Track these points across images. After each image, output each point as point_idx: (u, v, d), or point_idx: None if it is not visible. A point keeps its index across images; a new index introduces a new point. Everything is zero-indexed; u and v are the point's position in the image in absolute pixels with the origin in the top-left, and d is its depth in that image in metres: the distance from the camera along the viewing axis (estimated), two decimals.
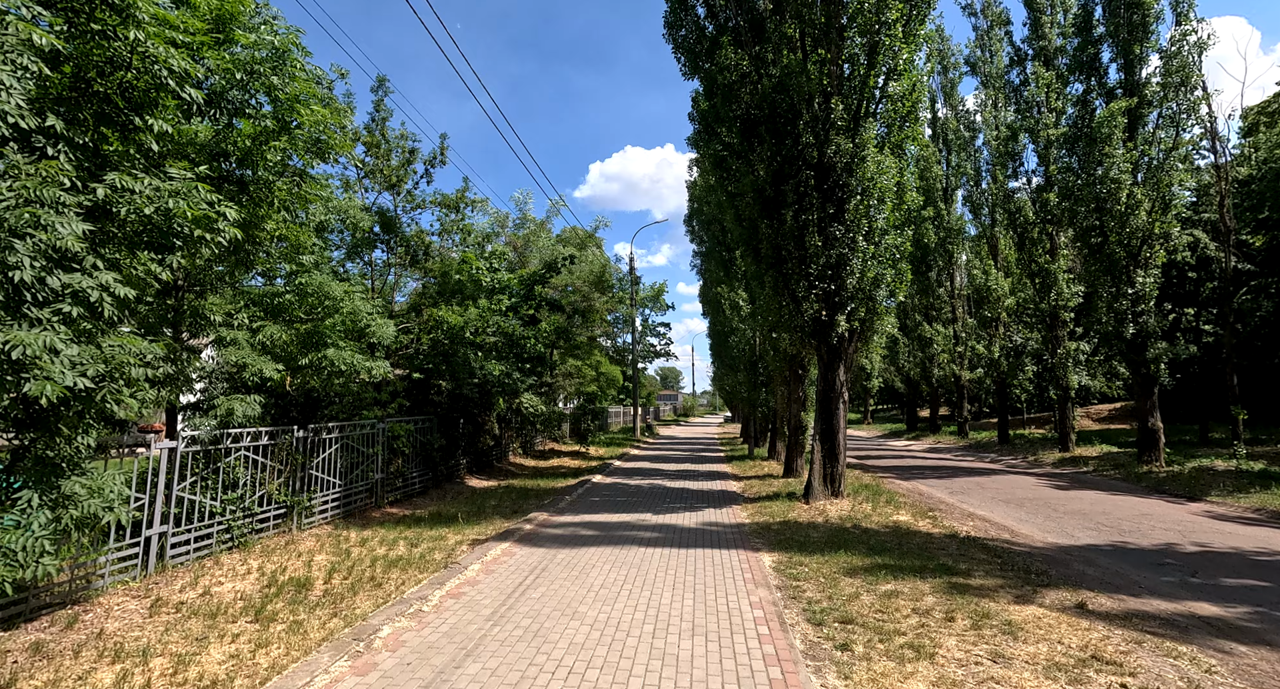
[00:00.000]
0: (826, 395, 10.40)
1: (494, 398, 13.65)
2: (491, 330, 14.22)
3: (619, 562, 6.54)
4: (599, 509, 9.85)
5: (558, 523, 8.66)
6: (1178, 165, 14.45)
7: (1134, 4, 15.26)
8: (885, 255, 10.01)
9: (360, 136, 12.40)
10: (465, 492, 12.34)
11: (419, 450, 11.77)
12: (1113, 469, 15.44)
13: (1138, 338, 15.31)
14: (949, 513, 10.05)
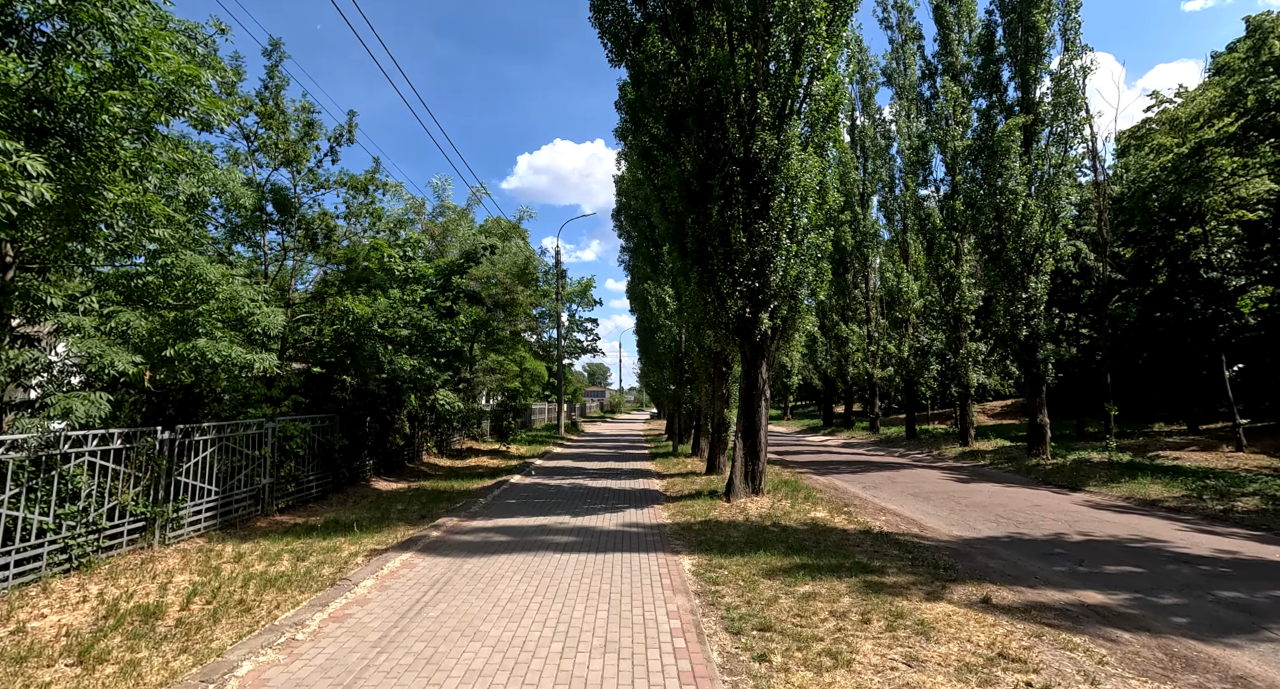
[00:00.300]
0: (749, 392, 10.38)
1: (405, 394, 12.77)
2: (403, 322, 13.32)
3: (531, 571, 6.12)
4: (515, 512, 9.35)
5: (468, 529, 8.09)
6: (1065, 180, 15.64)
7: (1030, 27, 16.35)
8: (807, 254, 10.10)
9: (251, 105, 11.16)
10: (370, 495, 11.45)
11: (317, 452, 10.77)
12: (1006, 462, 16.56)
13: (1030, 339, 16.48)
14: (863, 508, 10.30)
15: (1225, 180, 15.88)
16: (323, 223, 12.05)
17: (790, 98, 9.70)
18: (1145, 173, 18.28)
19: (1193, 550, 7.34)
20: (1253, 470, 14.45)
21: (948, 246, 21.01)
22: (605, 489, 11.91)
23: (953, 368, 27.60)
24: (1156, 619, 5.17)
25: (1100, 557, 7.16)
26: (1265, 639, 4.76)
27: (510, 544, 7.25)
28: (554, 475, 14.12)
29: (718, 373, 14.11)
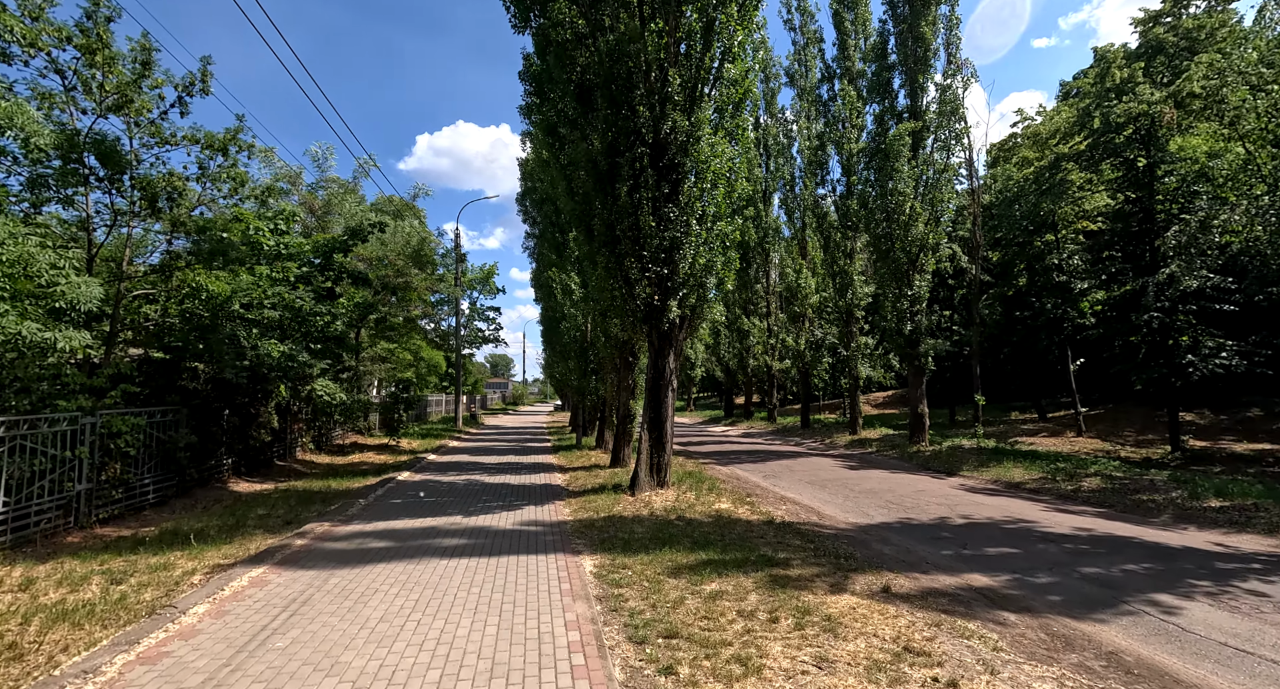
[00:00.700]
0: (656, 383, 10.10)
1: (273, 384, 11.28)
2: (272, 303, 11.75)
3: (412, 582, 5.40)
4: (399, 514, 8.45)
5: (342, 535, 7.14)
6: (946, 185, 16.78)
7: (918, 38, 17.34)
8: (716, 242, 9.93)
9: (69, 36, 9.21)
10: (226, 499, 10.00)
11: (156, 451, 9.20)
12: (891, 449, 17.62)
13: (914, 334, 17.60)
14: (765, 497, 10.38)
15: (1074, 193, 17.77)
16: (167, 184, 10.28)
17: (701, 81, 9.43)
18: (1011, 183, 20.14)
19: (1056, 530, 7.95)
20: (1091, 453, 16.35)
21: (843, 245, 22.04)
22: (503, 485, 11.20)
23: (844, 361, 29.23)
24: (1035, 598, 5.41)
25: (981, 539, 7.55)
26: (1125, 612, 5.09)
27: (390, 551, 6.44)
28: (448, 471, 13.16)
29: (624, 363, 13.77)
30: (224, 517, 8.47)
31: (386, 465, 13.96)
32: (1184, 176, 15.06)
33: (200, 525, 7.83)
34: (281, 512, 8.92)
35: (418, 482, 11.56)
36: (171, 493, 9.59)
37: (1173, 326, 14.60)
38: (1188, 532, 7.95)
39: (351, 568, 5.82)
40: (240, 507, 9.28)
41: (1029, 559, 6.61)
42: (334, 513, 8.39)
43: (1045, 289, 20.16)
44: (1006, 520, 8.55)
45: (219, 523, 8.02)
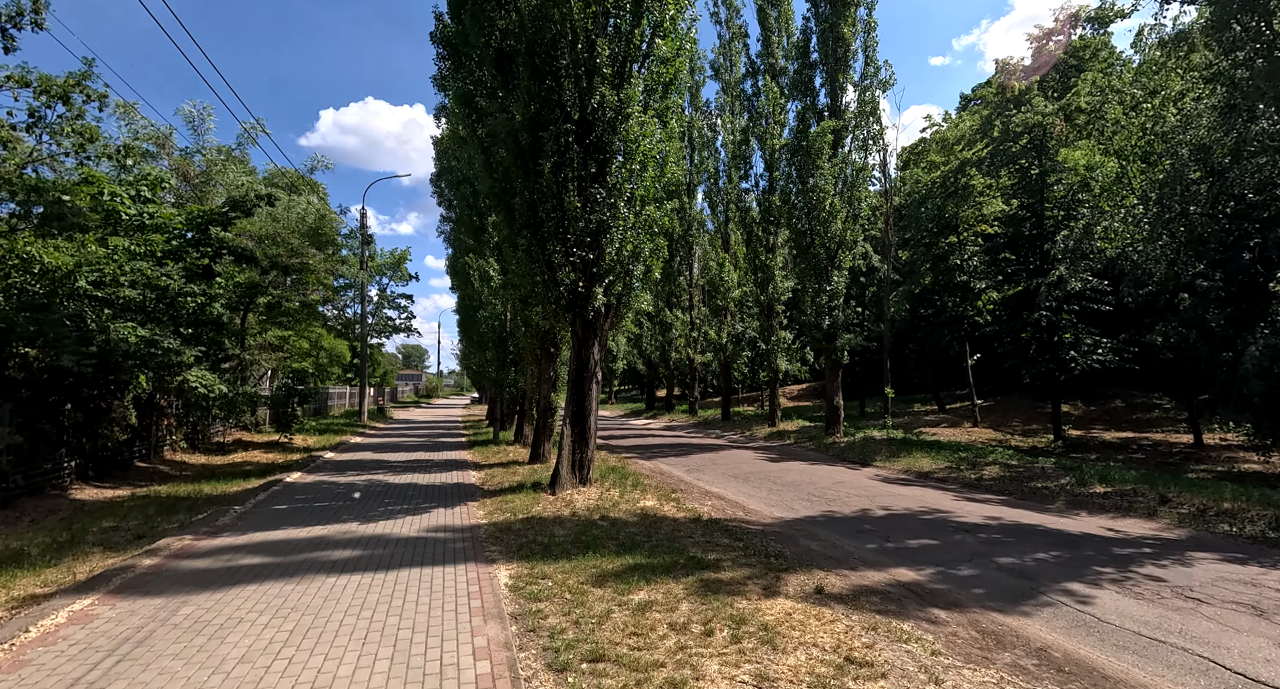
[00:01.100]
0: (580, 375, 9.53)
1: (127, 374, 9.66)
2: (131, 281, 10.09)
3: (288, 606, 4.57)
4: (283, 522, 7.39)
5: (204, 550, 6.07)
6: (863, 184, 17.28)
7: (839, 38, 17.67)
8: (644, 227, 9.47)
9: None
10: (64, 510, 8.45)
11: None
12: (808, 441, 18.03)
13: (831, 329, 18.06)
14: (689, 493, 10.10)
15: (975, 197, 18.88)
16: None
17: (631, 58, 8.91)
18: (920, 185, 21.18)
19: (969, 519, 8.17)
20: (986, 443, 17.48)
21: (765, 239, 22.32)
22: (410, 486, 10.25)
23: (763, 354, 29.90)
24: (960, 592, 5.39)
25: (902, 531, 7.60)
26: (1044, 603, 5.14)
27: (264, 569, 5.50)
28: (346, 471, 11.95)
29: (545, 354, 13.07)
30: (54, 532, 7.07)
31: (274, 466, 12.50)
32: (1070, 186, 16.31)
33: (18, 544, 6.46)
34: (134, 523, 7.59)
35: (309, 483, 10.36)
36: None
37: (1058, 325, 15.78)
38: (1081, 517, 8.43)
39: (212, 592, 4.87)
40: (80, 519, 7.83)
41: (949, 551, 6.67)
42: (200, 524, 7.20)
43: (948, 288, 21.39)
44: (923, 511, 8.73)
45: (46, 540, 6.66)
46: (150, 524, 7.51)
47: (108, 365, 9.40)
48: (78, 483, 9.84)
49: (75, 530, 7.13)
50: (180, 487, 10.19)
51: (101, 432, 9.82)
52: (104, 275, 9.81)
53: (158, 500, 8.98)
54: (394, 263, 37.72)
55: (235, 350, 16.27)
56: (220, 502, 8.91)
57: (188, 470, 12.05)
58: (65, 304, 9.36)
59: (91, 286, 9.57)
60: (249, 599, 4.73)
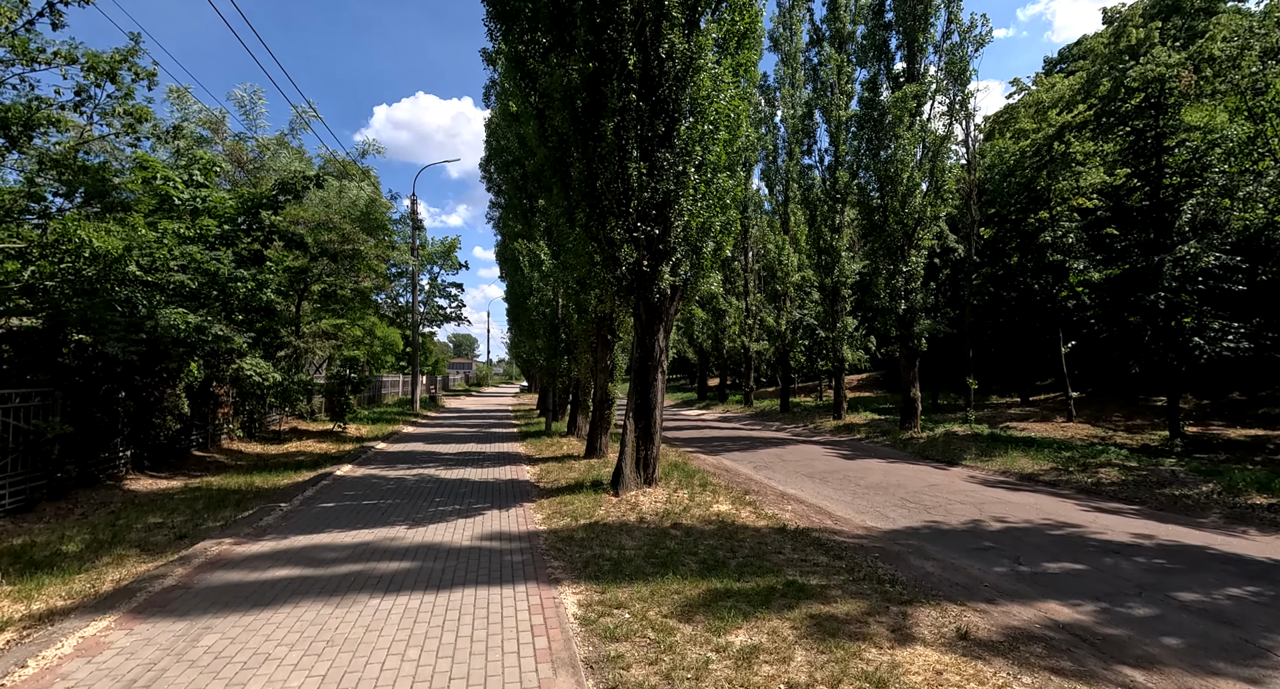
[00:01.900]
0: (644, 364, 8.62)
1: (180, 361, 9.35)
2: (180, 264, 9.77)
3: (324, 638, 3.85)
4: (327, 524, 6.81)
5: (241, 558, 5.49)
6: (950, 153, 15.60)
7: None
8: (716, 198, 8.43)
9: None
10: (116, 501, 8.17)
11: (16, 444, 7.30)
12: (881, 436, 16.64)
13: (908, 314, 16.54)
14: (764, 495, 9.09)
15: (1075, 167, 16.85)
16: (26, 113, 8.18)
17: (702, 1, 7.84)
18: (1006, 156, 19.17)
19: (1111, 536, 6.86)
20: (1087, 439, 15.67)
21: (829, 218, 20.80)
22: (462, 482, 9.62)
23: (821, 342, 28.33)
24: (1149, 642, 4.21)
25: (1031, 550, 6.39)
26: (1277, 666, 3.92)
27: (302, 584, 4.84)
28: (397, 464, 11.48)
29: (601, 341, 12.23)
30: (100, 528, 6.69)
31: (326, 456, 12.17)
32: (1195, 149, 14.21)
33: (60, 543, 6.07)
34: (179, 520, 7.18)
35: (359, 477, 9.88)
36: (41, 495, 7.70)
37: (1179, 307, 13.84)
38: (1253, 537, 6.97)
39: (241, 614, 4.22)
40: (129, 513, 7.48)
41: (1104, 580, 5.45)
42: (242, 523, 6.69)
43: (1037, 268, 19.39)
44: (1047, 523, 7.45)
45: (87, 538, 6.26)
46: (195, 521, 7.07)
47: (157, 353, 9.09)
48: (133, 473, 9.65)
49: (119, 527, 6.74)
50: (232, 478, 9.88)
51: (155, 421, 9.58)
52: (154, 259, 9.50)
53: (207, 493, 8.63)
54: (444, 251, 37.77)
55: (290, 338, 16.17)
56: (268, 496, 8.48)
57: (242, 460, 11.84)
58: (116, 289, 9.09)
59: (142, 271, 9.27)
60: (280, 626, 4.04)
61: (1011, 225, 19.77)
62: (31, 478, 7.61)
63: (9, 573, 5.20)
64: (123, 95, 9.80)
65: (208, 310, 10.36)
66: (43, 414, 7.71)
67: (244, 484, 9.35)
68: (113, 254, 8.86)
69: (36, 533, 6.59)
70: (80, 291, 8.56)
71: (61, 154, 8.83)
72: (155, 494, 8.73)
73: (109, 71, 9.31)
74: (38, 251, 8.94)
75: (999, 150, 20.52)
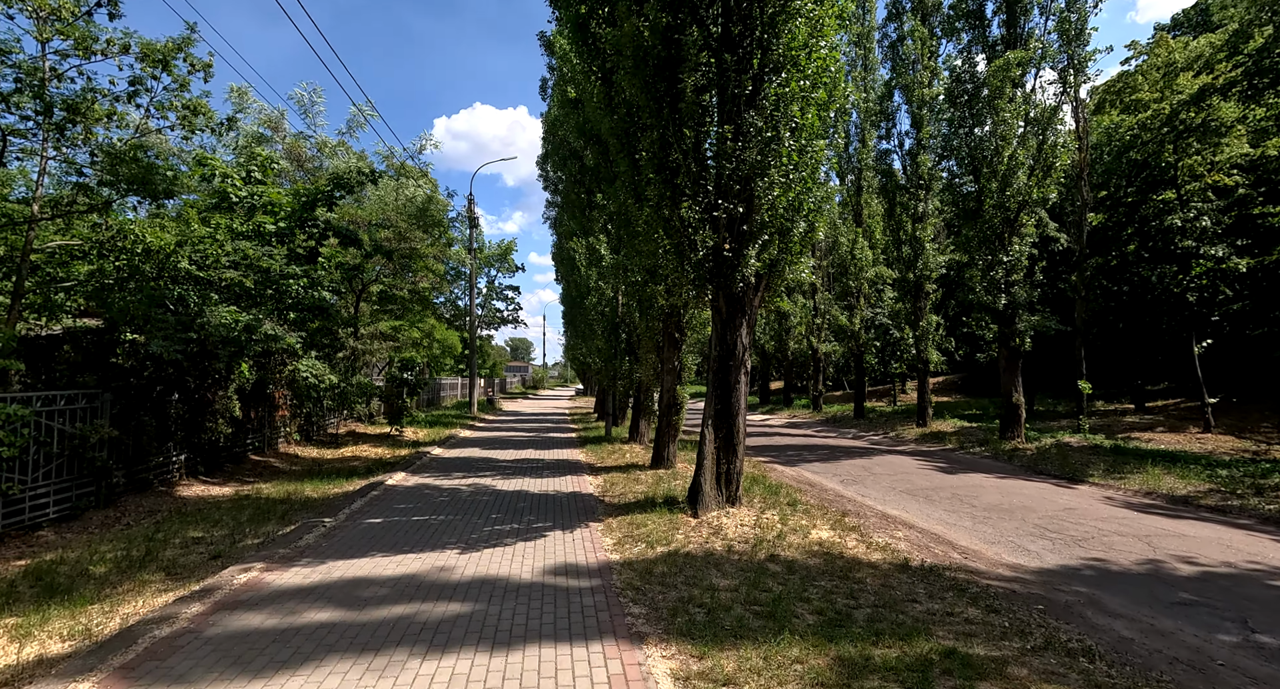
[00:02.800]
0: (724, 364, 7.48)
1: (229, 361, 8.89)
2: (232, 260, 9.36)
3: None
4: (371, 545, 6.01)
5: (269, 592, 4.70)
6: (1061, 126, 13.70)
7: None
8: (810, 170, 7.21)
9: None
10: (164, 509, 7.71)
11: (62, 449, 6.89)
12: (978, 446, 14.83)
13: (1009, 309, 14.69)
14: (865, 517, 7.76)
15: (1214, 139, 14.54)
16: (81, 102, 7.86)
17: None
18: (1123, 130, 16.90)
19: None
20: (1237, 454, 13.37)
21: (910, 206, 19.02)
22: (520, 494, 8.74)
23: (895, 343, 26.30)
24: None
25: (1257, 609, 4.85)
26: None
27: (332, 634, 3.97)
28: (453, 472, 10.75)
29: (669, 340, 11.16)
30: (136, 543, 6.13)
31: (380, 463, 11.62)
32: None
33: (90, 560, 5.50)
34: (221, 533, 6.58)
35: (411, 487, 9.16)
36: (89, 502, 7.30)
37: None
38: None
39: (250, 678, 3.36)
40: (171, 524, 6.95)
41: None
42: (282, 541, 5.98)
43: (1156, 257, 16.99)
44: (1257, 568, 5.83)
45: (121, 554, 5.68)
46: (235, 536, 6.44)
47: (205, 352, 8.65)
48: (186, 479, 9.28)
49: (156, 542, 6.17)
50: (284, 485, 9.37)
51: (205, 424, 9.18)
52: (205, 255, 9.12)
53: (255, 503, 8.08)
54: (501, 254, 37.73)
55: (348, 340, 15.91)
56: (315, 507, 7.84)
57: (297, 465, 11.43)
58: (170, 287, 8.73)
59: (195, 268, 8.88)
60: None
61: (1127, 209, 17.42)
62: (79, 484, 7.21)
63: (23, 598, 4.60)
64: (178, 87, 9.49)
65: (260, 309, 9.95)
66: (89, 417, 7.30)
67: (294, 493, 8.79)
68: (165, 250, 8.50)
69: (72, 546, 6.10)
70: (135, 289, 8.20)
71: (115, 147, 8.49)
72: (204, 503, 8.26)
73: (163, 60, 8.98)
74: (97, 250, 8.67)
75: (1109, 126, 18.20)
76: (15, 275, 7.91)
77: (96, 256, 8.62)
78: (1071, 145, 13.52)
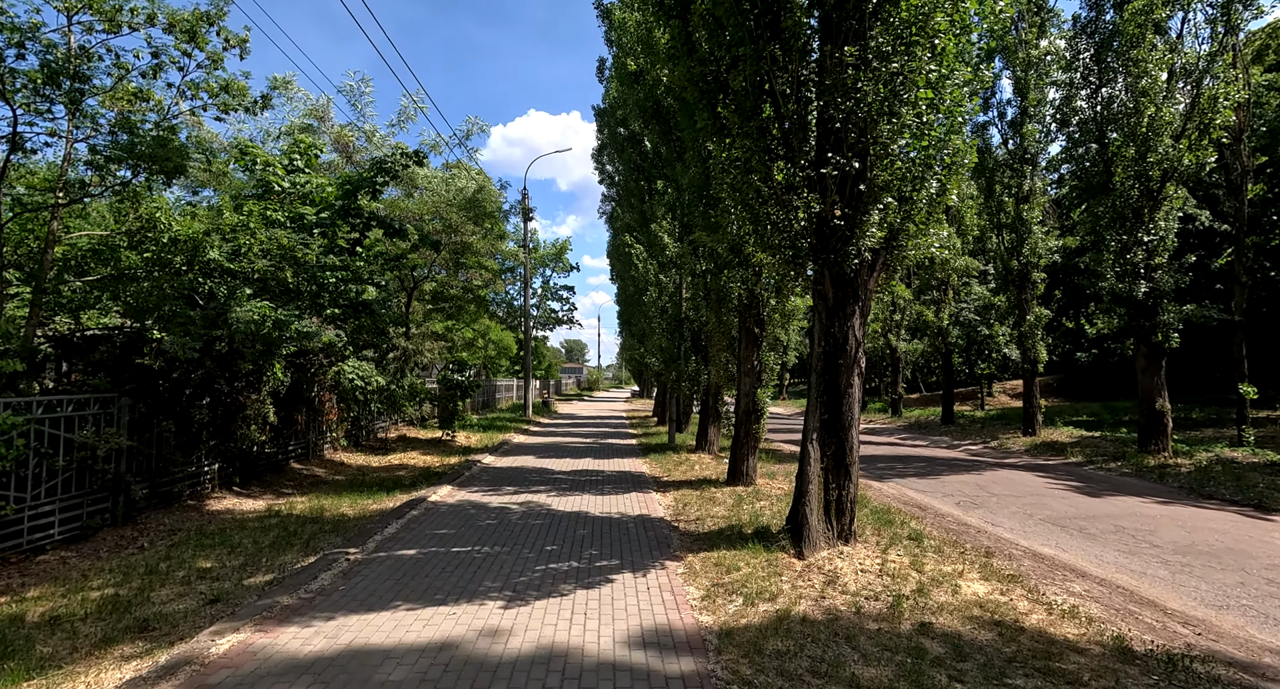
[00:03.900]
0: (832, 363, 5.93)
1: (258, 362, 8.01)
2: (264, 249, 8.52)
3: None
4: (398, 592, 4.82)
5: (255, 668, 3.54)
6: (1223, 73, 11.30)
7: None
8: (949, 112, 5.58)
9: None
10: (185, 528, 6.84)
11: (70, 460, 6.07)
12: (1112, 460, 12.53)
13: (1151, 298, 12.34)
14: (1013, 558, 6.03)
15: None
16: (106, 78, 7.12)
17: None
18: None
19: None
20: None
21: (1013, 185, 16.70)
22: (578, 517, 7.45)
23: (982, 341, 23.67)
24: None
25: None
26: None
27: None
28: (503, 485, 9.60)
29: (746, 336, 9.64)
30: (137, 575, 5.19)
31: (427, 472, 10.62)
32: None
33: (69, 602, 4.55)
34: (236, 562, 5.58)
35: (456, 505, 8.03)
36: (103, 521, 6.49)
37: None
38: None
39: None
40: (186, 548, 6.03)
41: None
42: (292, 582, 4.87)
43: None
44: None
45: (109, 594, 4.72)
46: (248, 567, 5.42)
47: (235, 352, 7.79)
48: (219, 490, 8.50)
49: (158, 575, 5.21)
50: (321, 498, 8.45)
51: (238, 431, 8.35)
52: (238, 244, 8.31)
53: (283, 522, 7.12)
54: (556, 253, 36.99)
55: (400, 340, 15.18)
56: (347, 529, 6.79)
57: (340, 474, 10.59)
58: (200, 280, 7.95)
59: (225, 259, 8.06)
60: None
61: None
62: (92, 500, 6.41)
63: None
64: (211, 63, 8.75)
65: (295, 304, 9.09)
66: (101, 424, 6.50)
67: (328, 509, 7.82)
68: (193, 238, 7.70)
69: (67, 578, 5.20)
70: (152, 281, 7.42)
71: (157, 136, 7.72)
72: (230, 520, 7.37)
73: (190, 30, 8.20)
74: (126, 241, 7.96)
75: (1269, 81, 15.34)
76: (36, 268, 7.27)
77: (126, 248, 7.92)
78: (1235, 97, 11.09)
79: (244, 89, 8.98)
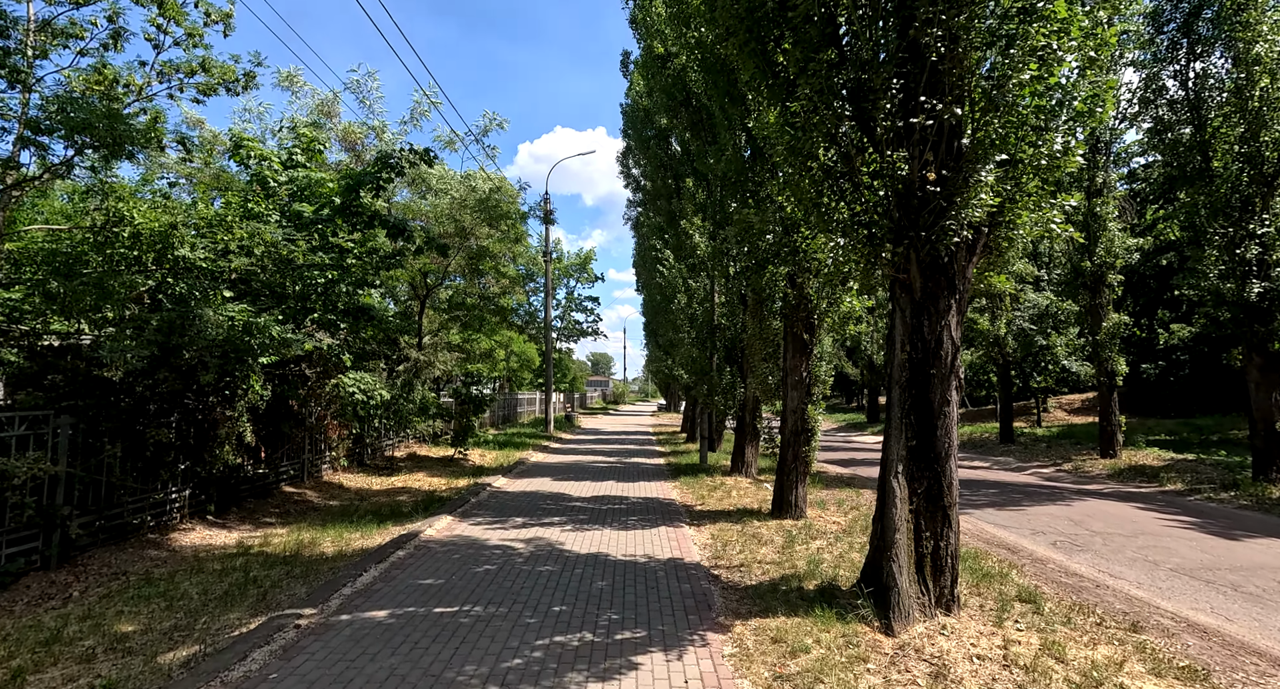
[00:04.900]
0: (920, 373, 4.56)
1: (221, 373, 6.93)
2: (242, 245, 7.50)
3: None
4: (347, 683, 3.59)
5: None
6: None
7: None
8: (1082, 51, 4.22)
9: None
10: (132, 572, 5.76)
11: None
12: (1224, 491, 10.69)
13: (1268, 299, 10.58)
14: (1168, 631, 4.51)
15: None
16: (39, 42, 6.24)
17: None
18: None
19: None
20: None
21: (1085, 178, 15.01)
22: (596, 560, 6.14)
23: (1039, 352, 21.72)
24: None
25: None
26: None
27: None
28: (511, 515, 8.35)
29: (793, 343, 8.26)
30: (31, 644, 4.07)
31: (431, 497, 9.44)
32: None
33: None
34: (164, 625, 4.45)
35: (451, 542, 6.79)
36: (29, 565, 5.43)
37: None
38: None
39: None
40: (115, 602, 4.92)
41: None
42: (211, 666, 3.67)
43: None
44: None
45: None
46: (174, 635, 4.27)
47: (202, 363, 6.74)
48: (189, 520, 7.43)
49: (53, 648, 4.09)
50: (303, 531, 7.32)
51: (212, 453, 7.28)
52: (215, 244, 7.31)
53: (249, 563, 5.98)
54: (580, 264, 36.09)
55: (411, 351, 14.18)
56: (318, 573, 5.62)
57: (334, 500, 9.49)
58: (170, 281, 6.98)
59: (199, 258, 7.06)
60: None
61: None
62: (14, 540, 5.36)
63: None
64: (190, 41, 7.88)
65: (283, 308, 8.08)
66: (30, 448, 5.46)
67: (307, 545, 6.68)
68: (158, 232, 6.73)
69: None
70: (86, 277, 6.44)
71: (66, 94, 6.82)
72: (192, 558, 6.28)
73: None
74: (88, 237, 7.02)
75: None
76: None
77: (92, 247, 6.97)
78: None
79: (222, 66, 8.08)
